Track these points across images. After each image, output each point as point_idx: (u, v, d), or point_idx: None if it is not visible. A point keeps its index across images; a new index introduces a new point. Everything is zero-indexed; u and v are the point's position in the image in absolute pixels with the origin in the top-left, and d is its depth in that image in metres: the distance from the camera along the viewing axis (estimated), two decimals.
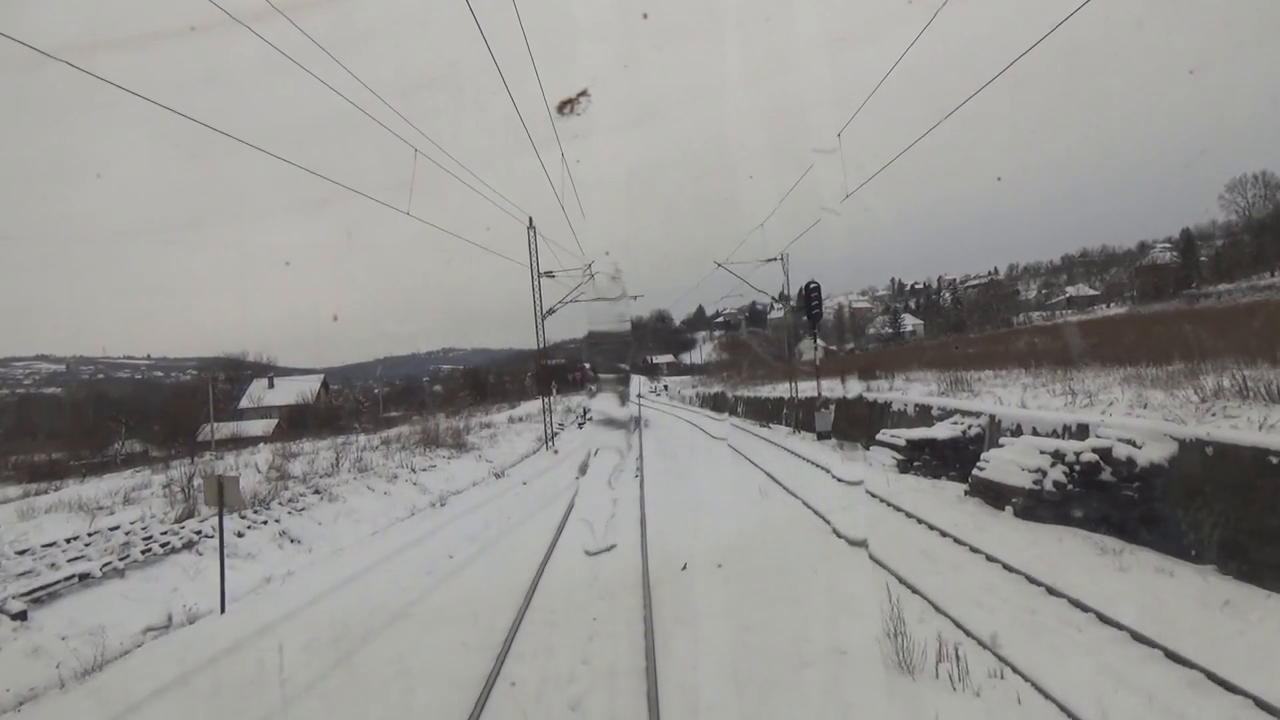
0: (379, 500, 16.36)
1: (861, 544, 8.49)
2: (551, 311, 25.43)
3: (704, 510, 11.80)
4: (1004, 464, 10.68)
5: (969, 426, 15.04)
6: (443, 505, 15.12)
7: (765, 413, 31.59)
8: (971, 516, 9.98)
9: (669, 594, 7.42)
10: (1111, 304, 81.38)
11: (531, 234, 24.40)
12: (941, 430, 15.34)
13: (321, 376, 74.71)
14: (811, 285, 20.36)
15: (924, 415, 17.91)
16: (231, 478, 8.52)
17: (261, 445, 31.16)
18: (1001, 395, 16.82)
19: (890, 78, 11.63)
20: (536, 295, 24.58)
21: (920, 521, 9.74)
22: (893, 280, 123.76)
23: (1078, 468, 9.90)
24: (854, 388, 25.13)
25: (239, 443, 36.48)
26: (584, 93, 18.11)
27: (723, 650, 5.84)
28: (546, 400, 26.29)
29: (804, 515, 10.93)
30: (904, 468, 15.01)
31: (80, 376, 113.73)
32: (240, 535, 12.35)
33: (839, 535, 9.42)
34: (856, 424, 21.92)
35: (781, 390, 32.10)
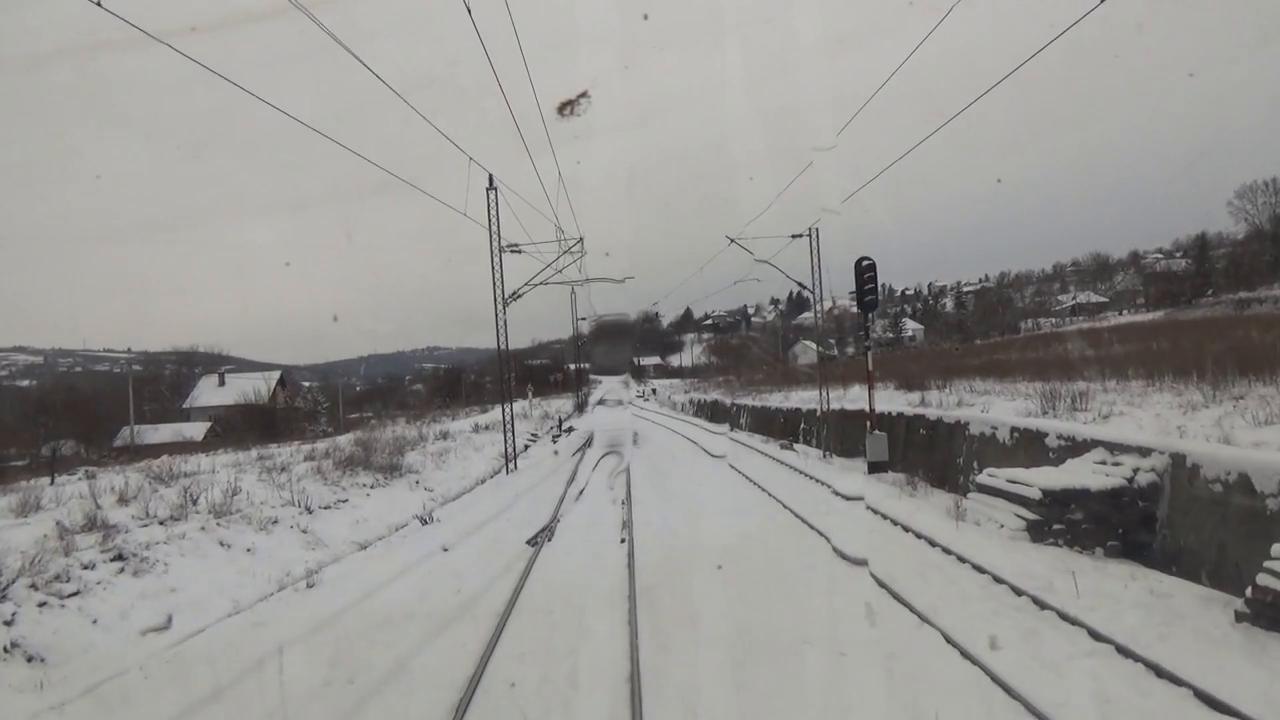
0: (231, 565, 10.78)
1: None
2: (516, 296, 19.87)
3: (754, 665, 6.37)
4: None
5: (1136, 470, 9.77)
6: (310, 587, 9.48)
7: (778, 427, 26.25)
8: None
9: None
10: (1123, 311, 77.39)
11: (491, 195, 18.86)
12: (1089, 475, 10.04)
13: (278, 373, 68.30)
14: (865, 262, 15.04)
15: (1029, 445, 12.62)
16: None
17: (164, 456, 25.48)
18: (1143, 418, 11.68)
19: (889, 81, 11.07)
20: (496, 274, 18.99)
21: None
22: (884, 285, 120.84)
23: None
24: (896, 399, 19.92)
25: (138, 453, 30.45)
26: (584, 94, 17.32)
27: None
28: (507, 409, 20.66)
29: (982, 686, 5.58)
30: (1037, 533, 9.73)
31: (58, 369, 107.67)
32: None
33: None
34: (914, 451, 16.62)
35: (797, 400, 26.79)
